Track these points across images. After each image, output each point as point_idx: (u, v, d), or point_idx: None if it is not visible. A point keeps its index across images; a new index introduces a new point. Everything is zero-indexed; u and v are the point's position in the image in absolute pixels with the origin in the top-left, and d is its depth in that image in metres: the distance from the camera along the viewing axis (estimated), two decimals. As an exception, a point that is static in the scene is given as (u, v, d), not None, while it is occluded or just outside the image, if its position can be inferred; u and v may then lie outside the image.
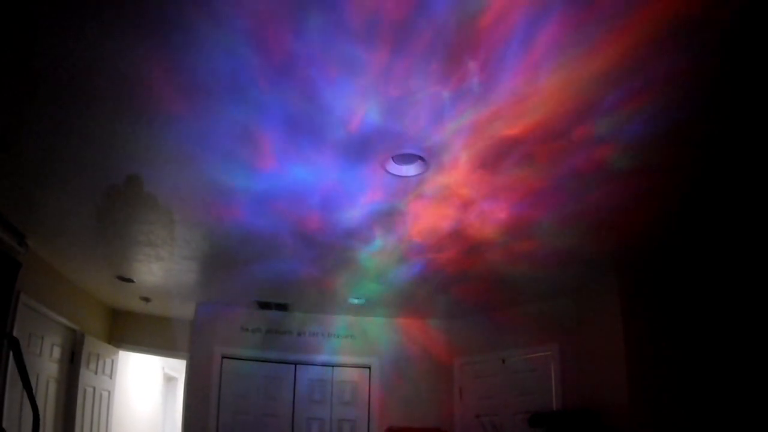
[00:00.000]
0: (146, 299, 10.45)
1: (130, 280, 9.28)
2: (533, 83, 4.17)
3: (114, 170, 5.65)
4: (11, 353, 6.63)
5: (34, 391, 6.13)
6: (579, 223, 6.55)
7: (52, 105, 4.54)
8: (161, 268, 8.63)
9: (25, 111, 4.70)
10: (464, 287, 8.96)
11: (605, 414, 7.99)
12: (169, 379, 15.67)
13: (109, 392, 11.08)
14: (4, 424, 7.05)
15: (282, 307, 10.49)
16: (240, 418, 10.20)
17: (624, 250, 7.44)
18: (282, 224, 6.81)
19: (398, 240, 7.19)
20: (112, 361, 11.20)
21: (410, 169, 5.45)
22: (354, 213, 6.47)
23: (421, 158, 5.25)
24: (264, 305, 10.44)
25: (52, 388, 9.06)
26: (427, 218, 6.58)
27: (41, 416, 5.90)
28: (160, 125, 4.76)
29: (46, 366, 8.83)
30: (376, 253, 7.63)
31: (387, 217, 6.56)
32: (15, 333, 7.30)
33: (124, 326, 11.66)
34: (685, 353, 7.44)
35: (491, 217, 6.49)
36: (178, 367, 14.54)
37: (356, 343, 10.88)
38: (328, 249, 7.55)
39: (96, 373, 10.41)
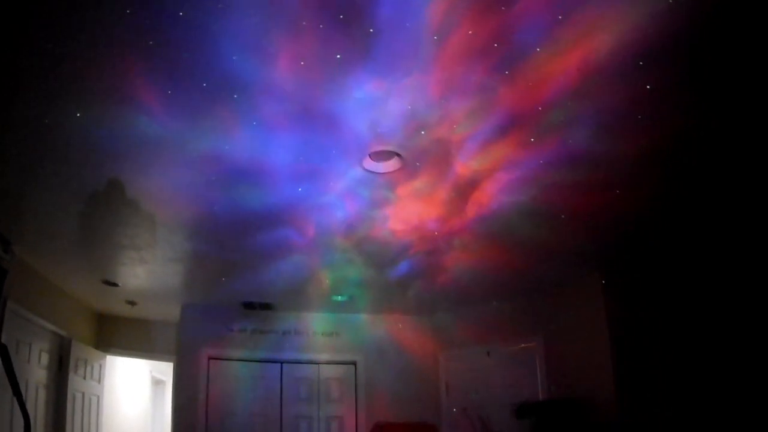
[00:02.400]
0: (132, 303, 10.45)
1: (115, 284, 9.29)
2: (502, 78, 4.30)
3: (96, 173, 5.70)
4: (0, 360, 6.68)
5: (24, 398, 6.18)
6: (559, 216, 6.64)
7: (35, 108, 4.59)
8: (146, 271, 8.66)
9: (7, 116, 4.74)
10: (447, 282, 9.01)
11: (591, 404, 8.10)
12: (157, 383, 15.65)
13: (98, 397, 11.08)
14: (-5, 432, 7.11)
15: (266, 306, 10.54)
16: (229, 418, 10.22)
17: (606, 242, 7.53)
18: (262, 225, 6.91)
19: (379, 236, 7.26)
20: (100, 365, 11.20)
21: (387, 166, 5.54)
22: (333, 211, 6.56)
23: (397, 155, 5.35)
24: (249, 305, 10.48)
25: (42, 394, 9.07)
26: (407, 215, 6.68)
27: (32, 422, 5.95)
28: (140, 126, 4.81)
29: (35, 372, 8.84)
30: (357, 250, 7.71)
31: (366, 214, 6.66)
32: (3, 340, 7.33)
33: (111, 330, 11.63)
34: (669, 342, 7.55)
35: (471, 213, 6.57)
36: (165, 371, 14.51)
37: (341, 340, 10.92)
38: (309, 248, 7.62)
39: (84, 378, 10.42)
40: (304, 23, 3.77)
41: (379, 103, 4.59)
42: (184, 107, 4.61)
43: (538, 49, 4.06)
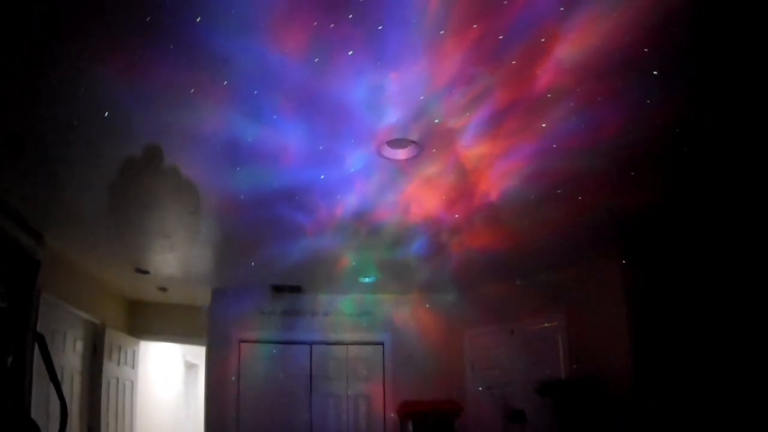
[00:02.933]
0: (163, 289, 10.64)
1: (146, 272, 9.47)
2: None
3: (125, 161, 5.82)
4: (36, 349, 6.82)
5: (60, 385, 6.32)
6: (576, 198, 6.75)
7: (64, 96, 4.72)
8: (176, 258, 8.85)
9: (36, 110, 4.89)
10: (470, 261, 9.10)
11: (611, 382, 8.16)
12: (189, 366, 15.77)
13: (132, 382, 11.26)
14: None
15: (295, 289, 10.67)
16: (260, 399, 10.41)
17: (625, 222, 7.58)
18: (288, 210, 7.02)
19: (401, 219, 7.41)
20: (134, 351, 11.40)
21: (405, 153, 5.72)
22: (356, 196, 6.72)
23: (414, 142, 5.53)
24: (278, 288, 10.62)
25: (77, 381, 9.26)
26: (427, 198, 6.82)
27: (68, 409, 6.09)
28: (172, 111, 4.93)
29: (70, 360, 9.04)
30: (381, 232, 7.84)
31: (388, 198, 6.81)
32: (38, 330, 7.49)
33: (143, 316, 11.83)
34: (687, 321, 7.54)
35: (491, 195, 6.69)
36: (198, 354, 14.59)
37: (369, 321, 11.05)
38: (335, 231, 7.75)
39: (118, 364, 10.61)
40: (315, 23, 3.93)
41: (394, 94, 4.77)
42: (207, 99, 4.75)
43: (543, 40, 4.19)
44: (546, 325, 9.82)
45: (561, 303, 9.57)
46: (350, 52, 4.24)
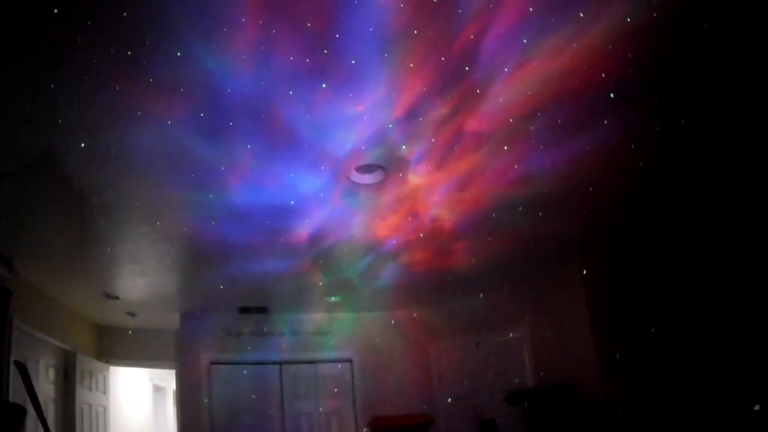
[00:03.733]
0: (132, 314, 10.61)
1: (116, 297, 9.50)
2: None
3: (94, 187, 5.89)
4: (13, 379, 6.88)
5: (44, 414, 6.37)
6: (537, 212, 6.96)
7: (26, 128, 4.84)
8: (145, 283, 8.89)
9: (6, 143, 5.00)
10: (434, 277, 9.27)
11: (578, 389, 8.36)
12: (157, 389, 15.71)
13: (104, 408, 11.23)
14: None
15: (262, 310, 10.73)
16: (232, 420, 10.43)
17: (583, 232, 7.83)
18: (257, 233, 7.17)
19: (367, 240, 7.59)
20: (104, 377, 11.36)
21: (372, 177, 5.96)
22: (323, 219, 6.90)
23: (381, 167, 5.78)
24: (245, 310, 10.66)
25: (51, 408, 9.27)
26: (392, 219, 7.02)
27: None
28: (135, 137, 5.04)
29: (43, 387, 9.03)
30: (348, 253, 8.00)
31: (355, 220, 7.00)
32: (11, 358, 7.52)
33: (113, 342, 11.77)
34: (647, 325, 7.84)
35: (454, 212, 6.93)
36: (165, 377, 14.60)
37: (336, 339, 11.11)
38: (302, 253, 7.89)
39: (90, 390, 10.57)
40: (291, 58, 4.16)
41: (362, 122, 5.01)
42: (185, 125, 4.90)
43: (506, 70, 4.46)
44: (511, 336, 10.01)
45: (525, 314, 9.75)
46: (324, 85, 4.46)
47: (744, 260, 7.35)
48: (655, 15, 4.01)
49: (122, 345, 11.78)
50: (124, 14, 3.73)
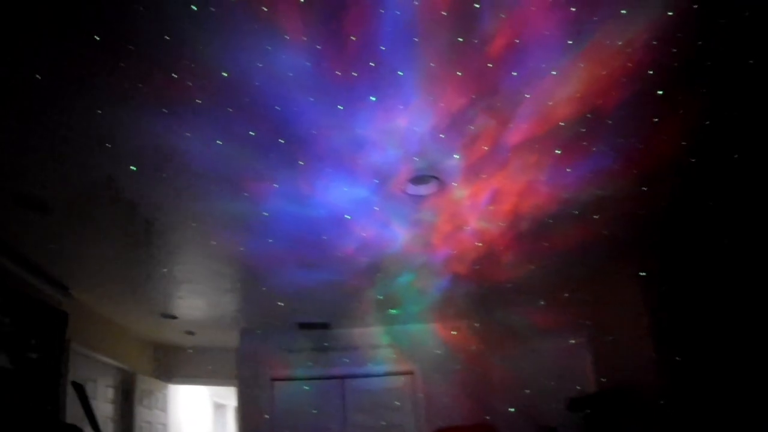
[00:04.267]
0: (190, 333, 10.68)
1: (173, 317, 9.55)
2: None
3: (147, 210, 5.96)
4: (71, 400, 6.87)
5: (101, 432, 6.38)
6: (594, 211, 6.77)
7: (81, 161, 4.94)
8: (203, 302, 8.95)
9: (59, 170, 5.10)
10: (493, 286, 9.17)
11: (639, 393, 8.20)
12: (218, 407, 15.85)
13: (164, 426, 11.33)
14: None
15: (323, 326, 10.70)
16: (295, 436, 10.44)
17: (640, 233, 7.62)
18: (313, 249, 7.13)
19: (423, 252, 7.49)
20: (164, 395, 11.48)
21: (426, 189, 5.88)
22: (379, 232, 6.83)
23: (435, 178, 5.68)
24: (305, 326, 10.64)
25: (110, 427, 9.32)
26: (449, 230, 6.93)
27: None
28: (187, 158, 5.06)
29: (102, 408, 9.11)
30: (405, 266, 7.92)
31: (412, 232, 6.91)
32: (69, 379, 7.53)
33: (171, 360, 11.90)
34: (709, 326, 7.57)
35: (511, 221, 6.80)
36: (226, 395, 14.70)
37: (398, 352, 11.03)
38: (359, 267, 7.82)
39: (150, 408, 10.69)
40: (338, 73, 4.13)
41: (412, 133, 4.95)
42: (235, 144, 4.90)
43: (553, 72, 4.37)
44: (571, 342, 9.84)
45: (585, 319, 9.56)
46: (372, 98, 4.42)
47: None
48: (695, 6, 3.90)
49: (181, 363, 11.90)
50: (166, 37, 3.75)
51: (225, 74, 4.04)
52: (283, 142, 4.86)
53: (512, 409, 10.30)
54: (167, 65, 3.94)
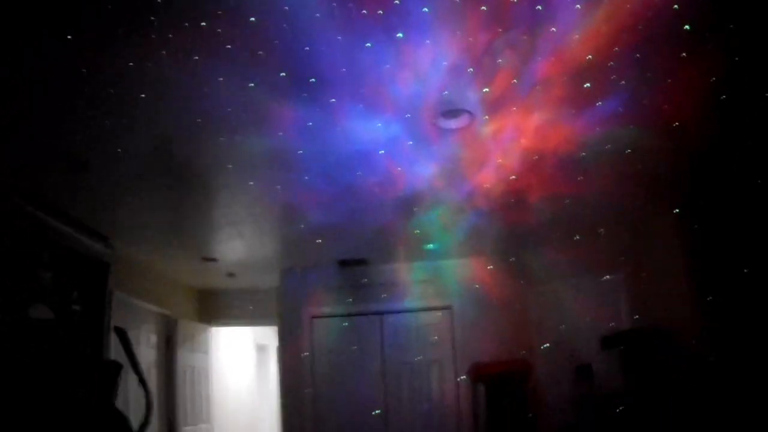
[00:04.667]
0: (231, 275, 10.87)
1: (214, 260, 9.74)
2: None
3: (183, 155, 6.14)
4: (115, 346, 7.01)
5: (144, 377, 6.49)
6: (626, 146, 6.79)
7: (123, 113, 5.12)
8: (243, 244, 9.10)
9: (99, 127, 5.28)
10: (529, 221, 9.17)
11: (674, 333, 8.27)
12: (260, 348, 15.93)
13: (206, 369, 11.51)
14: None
15: (361, 262, 10.79)
16: (334, 373, 10.64)
17: (674, 169, 7.61)
18: (349, 186, 7.23)
19: (460, 186, 7.57)
20: (206, 338, 11.65)
21: (458, 122, 5.94)
22: (415, 167, 6.91)
23: (467, 111, 5.76)
24: (344, 263, 10.74)
25: (153, 373, 9.52)
26: (484, 165, 7.00)
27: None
28: (221, 101, 5.19)
29: (145, 353, 9.29)
30: (442, 200, 7.98)
31: (446, 167, 6.99)
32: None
33: (213, 303, 12.15)
34: (747, 267, 7.56)
35: (544, 156, 6.84)
36: (268, 335, 14.79)
37: (435, 287, 11.09)
38: (396, 203, 7.90)
39: (192, 352, 10.85)
40: (364, 11, 4.22)
41: (443, 68, 5.02)
42: (267, 86, 5.03)
43: (577, 6, 4.41)
44: (607, 278, 9.88)
45: (621, 257, 9.60)
46: (399, 35, 4.50)
47: None
48: None
49: (223, 306, 12.08)
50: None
51: (253, 19, 4.12)
52: (314, 80, 4.95)
53: (546, 345, 10.42)
54: (195, 15, 4.04)
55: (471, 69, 5.04)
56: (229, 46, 4.39)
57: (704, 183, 7.94)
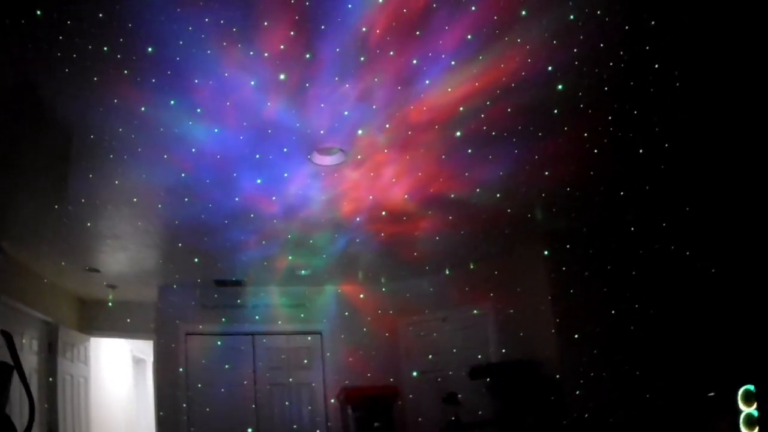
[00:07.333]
0: (112, 286, 10.97)
1: (97, 270, 9.84)
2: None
3: (73, 169, 6.33)
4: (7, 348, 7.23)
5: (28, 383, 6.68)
6: (496, 190, 7.36)
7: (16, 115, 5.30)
8: (125, 257, 9.27)
9: None
10: (401, 253, 9.66)
11: (540, 364, 8.80)
12: (137, 361, 15.84)
13: (86, 378, 11.51)
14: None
15: (237, 283, 11.05)
16: (208, 389, 10.78)
17: (546, 211, 8.20)
18: (229, 210, 7.61)
19: (333, 218, 8.01)
20: (86, 348, 11.68)
21: (333, 159, 6.44)
22: (291, 197, 7.34)
23: (341, 150, 6.26)
24: (221, 283, 10.98)
25: (34, 379, 9.55)
26: (355, 199, 7.51)
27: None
28: (112, 122, 5.49)
29: (27, 359, 9.35)
30: (315, 230, 8.43)
31: (319, 198, 7.44)
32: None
33: (94, 313, 12.11)
34: (605, 305, 8.22)
35: (414, 193, 7.36)
36: (145, 349, 14.66)
37: (307, 311, 11.47)
38: (272, 229, 8.32)
39: (72, 361, 10.89)
40: (251, 54, 4.68)
41: (320, 109, 5.52)
42: (158, 110, 5.36)
43: (452, 63, 4.95)
44: (475, 312, 10.40)
45: (489, 291, 10.12)
46: (282, 77, 4.96)
47: (700, 245, 7.63)
48: (598, 12, 4.46)
49: (103, 317, 11.98)
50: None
51: (150, 50, 4.50)
52: (200, 111, 5.39)
53: (415, 373, 10.87)
54: (102, 39, 4.37)
55: (347, 112, 5.52)
56: (125, 71, 4.72)
57: (573, 228, 8.48)
